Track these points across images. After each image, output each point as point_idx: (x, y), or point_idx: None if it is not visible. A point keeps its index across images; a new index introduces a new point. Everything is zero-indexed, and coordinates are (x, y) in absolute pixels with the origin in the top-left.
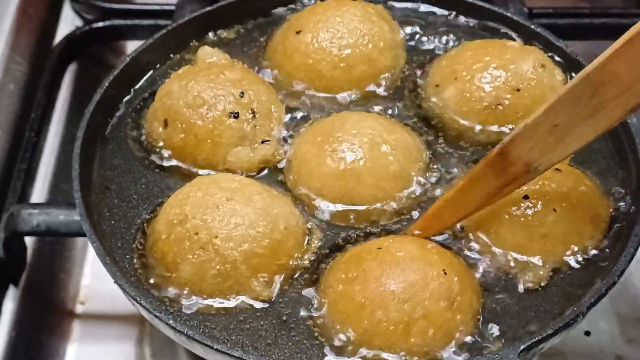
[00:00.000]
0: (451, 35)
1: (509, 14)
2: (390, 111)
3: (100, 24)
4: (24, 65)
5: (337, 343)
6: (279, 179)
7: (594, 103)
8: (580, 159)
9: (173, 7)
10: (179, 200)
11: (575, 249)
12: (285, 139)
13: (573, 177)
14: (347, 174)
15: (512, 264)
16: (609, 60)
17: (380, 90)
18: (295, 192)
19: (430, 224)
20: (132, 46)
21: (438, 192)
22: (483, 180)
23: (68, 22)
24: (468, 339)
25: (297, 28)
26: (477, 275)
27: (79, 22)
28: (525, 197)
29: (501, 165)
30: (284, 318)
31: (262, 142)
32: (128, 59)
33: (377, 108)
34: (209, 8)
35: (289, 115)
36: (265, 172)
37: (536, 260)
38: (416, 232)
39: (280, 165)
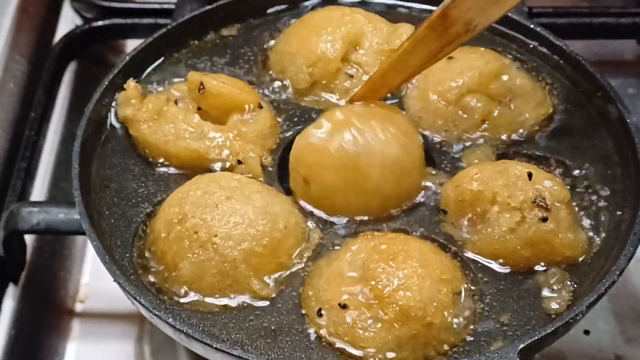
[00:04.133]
0: None
1: (508, 13)
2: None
3: (100, 23)
4: (23, 64)
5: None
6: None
7: None
8: (579, 159)
9: (173, 6)
10: (178, 199)
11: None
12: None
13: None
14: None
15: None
16: None
17: None
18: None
19: (376, 87)
20: (131, 45)
21: (437, 193)
22: (426, 42)
23: (68, 21)
24: (467, 337)
25: None
26: (477, 274)
27: (78, 21)
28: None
29: (442, 26)
30: (284, 317)
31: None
32: (128, 57)
33: None
34: (208, 7)
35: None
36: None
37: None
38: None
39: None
